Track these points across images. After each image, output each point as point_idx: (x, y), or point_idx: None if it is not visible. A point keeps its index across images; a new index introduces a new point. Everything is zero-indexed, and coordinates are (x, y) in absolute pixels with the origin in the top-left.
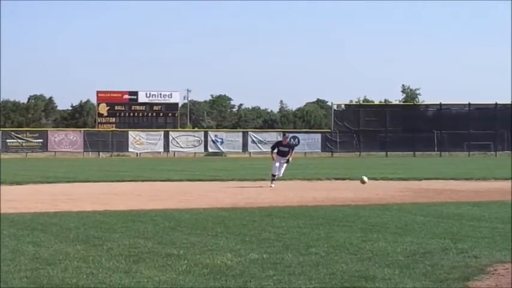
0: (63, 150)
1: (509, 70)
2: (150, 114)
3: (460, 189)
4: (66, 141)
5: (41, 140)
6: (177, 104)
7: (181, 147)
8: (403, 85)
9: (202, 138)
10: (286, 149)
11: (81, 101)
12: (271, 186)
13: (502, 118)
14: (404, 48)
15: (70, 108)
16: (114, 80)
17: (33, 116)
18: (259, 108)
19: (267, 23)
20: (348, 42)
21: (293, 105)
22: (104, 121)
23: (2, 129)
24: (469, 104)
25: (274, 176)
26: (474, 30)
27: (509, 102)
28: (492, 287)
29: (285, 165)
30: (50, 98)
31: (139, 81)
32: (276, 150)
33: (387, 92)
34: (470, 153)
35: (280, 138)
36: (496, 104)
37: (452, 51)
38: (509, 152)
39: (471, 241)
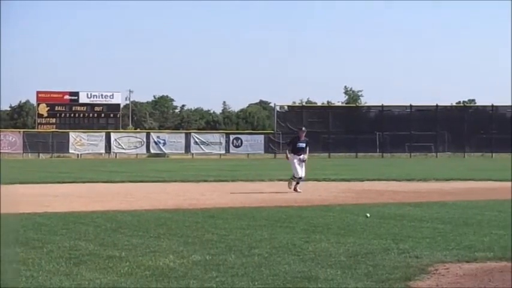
0: (2, 151)
1: (450, 72)
2: (91, 115)
3: (401, 190)
4: (5, 142)
5: None
6: (118, 104)
7: (123, 148)
8: (345, 87)
9: (145, 139)
10: (303, 145)
11: (20, 102)
12: (298, 191)
13: (442, 119)
14: (347, 49)
15: (9, 109)
16: (55, 80)
17: None
18: (202, 109)
19: (208, 22)
20: (291, 43)
21: (236, 106)
22: (44, 122)
23: None
24: (411, 106)
25: (298, 178)
26: (414, 31)
27: (450, 104)
28: (433, 286)
29: (303, 163)
30: None
31: (80, 82)
32: (290, 148)
33: (330, 93)
34: (412, 154)
35: (223, 140)
36: (437, 106)
37: (394, 52)
38: (450, 153)
39: (412, 241)
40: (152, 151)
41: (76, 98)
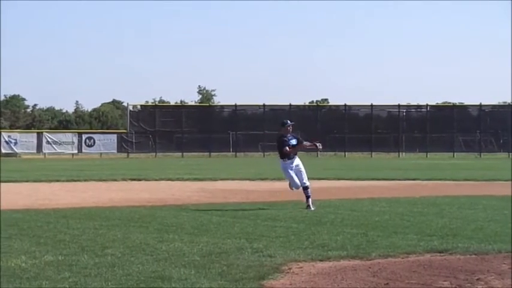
0: None
1: (302, 72)
2: None
3: (255, 190)
4: None
5: None
6: None
7: None
8: (199, 86)
9: None
10: (295, 142)
11: None
12: (311, 209)
13: (296, 119)
14: (200, 48)
15: None
16: None
17: None
18: (54, 108)
19: (60, 20)
20: (143, 41)
21: (89, 105)
22: None
23: None
24: (264, 105)
25: (304, 188)
26: (267, 31)
27: (303, 104)
28: (287, 285)
29: (302, 168)
30: None
31: None
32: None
33: (183, 92)
34: (265, 153)
35: (75, 140)
36: (290, 105)
37: (247, 52)
38: (303, 152)
39: (266, 240)
40: (3, 151)
41: None
